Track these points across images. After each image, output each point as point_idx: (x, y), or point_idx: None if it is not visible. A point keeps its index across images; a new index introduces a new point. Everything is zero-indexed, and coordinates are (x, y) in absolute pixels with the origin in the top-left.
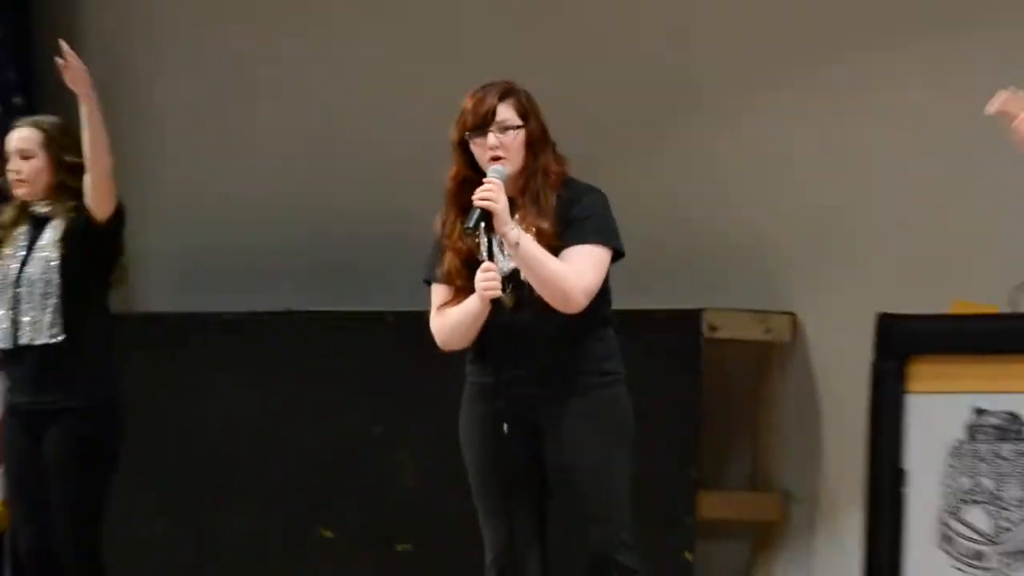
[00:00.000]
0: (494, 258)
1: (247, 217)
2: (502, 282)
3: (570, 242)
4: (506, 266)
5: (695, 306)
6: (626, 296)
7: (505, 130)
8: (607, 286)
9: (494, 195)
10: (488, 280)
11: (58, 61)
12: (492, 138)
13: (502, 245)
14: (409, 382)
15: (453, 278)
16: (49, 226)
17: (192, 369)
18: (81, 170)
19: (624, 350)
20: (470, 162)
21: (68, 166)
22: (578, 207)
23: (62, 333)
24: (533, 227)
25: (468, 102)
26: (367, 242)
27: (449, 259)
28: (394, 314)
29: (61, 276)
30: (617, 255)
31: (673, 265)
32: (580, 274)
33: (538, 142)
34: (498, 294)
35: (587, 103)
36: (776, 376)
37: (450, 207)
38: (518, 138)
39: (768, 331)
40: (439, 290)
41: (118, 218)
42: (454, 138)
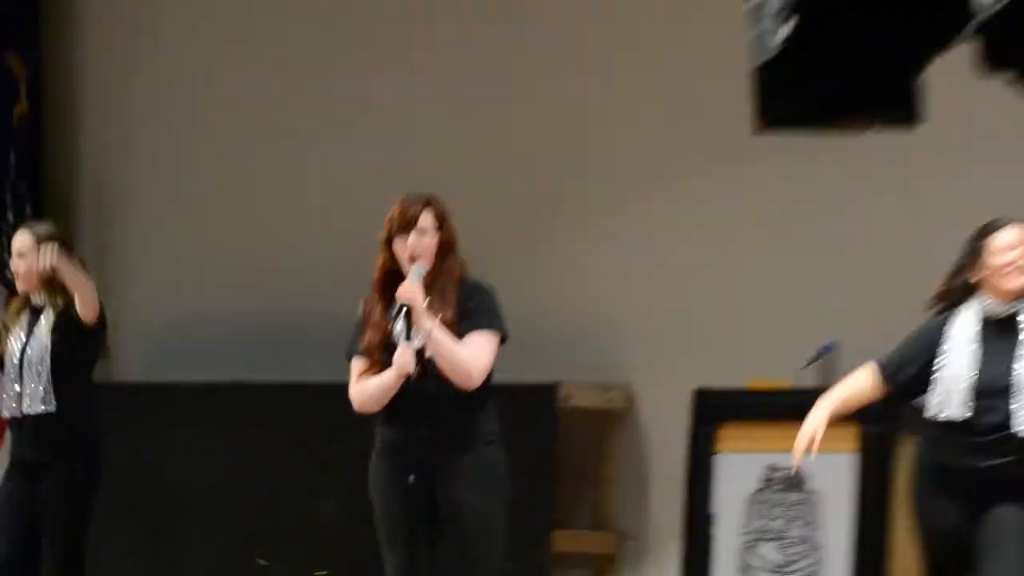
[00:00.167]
0: (410, 338)
1: (210, 297)
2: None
3: (468, 329)
4: (416, 346)
5: (553, 379)
6: (500, 371)
7: (423, 235)
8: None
9: (415, 293)
10: (405, 358)
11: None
12: (412, 239)
13: (411, 329)
14: (329, 440)
15: (373, 353)
16: (43, 315)
17: (158, 429)
18: None
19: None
20: (393, 257)
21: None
22: (474, 300)
23: (53, 403)
24: (439, 314)
25: (396, 208)
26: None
27: (370, 336)
28: (316, 385)
29: (52, 357)
30: (504, 338)
31: (533, 345)
32: (477, 357)
33: (447, 247)
34: (411, 370)
35: (476, 213)
36: (614, 437)
37: (376, 293)
38: (433, 241)
39: (608, 400)
40: (358, 363)
41: (101, 320)
42: (383, 237)
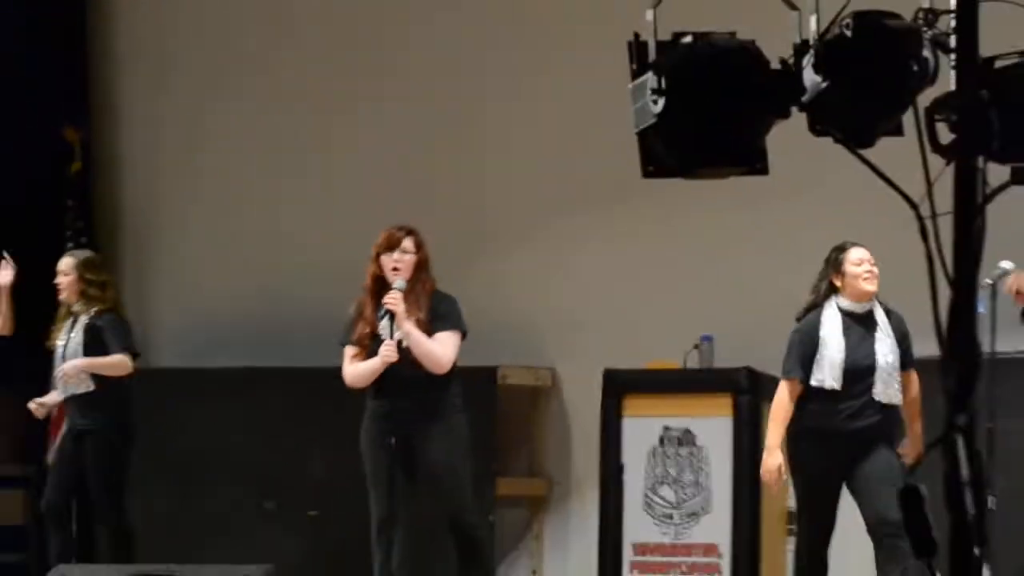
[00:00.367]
0: (393, 335)
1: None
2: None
3: (438, 329)
4: (397, 338)
5: (493, 363)
6: (460, 357)
7: (404, 254)
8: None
9: (398, 301)
10: (389, 351)
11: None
12: (396, 256)
13: (393, 328)
14: (319, 413)
15: (362, 341)
16: (79, 321)
17: (184, 405)
18: (99, 285)
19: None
20: (381, 268)
21: (88, 282)
22: (443, 307)
23: (91, 385)
24: (415, 317)
25: (384, 233)
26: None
27: (360, 329)
28: (311, 369)
29: (85, 353)
30: (464, 335)
31: (477, 338)
32: (445, 351)
33: (422, 265)
34: (394, 360)
35: (431, 239)
36: (543, 407)
37: (367, 296)
38: (412, 260)
39: (537, 379)
40: (350, 349)
41: (133, 357)
42: (373, 254)
